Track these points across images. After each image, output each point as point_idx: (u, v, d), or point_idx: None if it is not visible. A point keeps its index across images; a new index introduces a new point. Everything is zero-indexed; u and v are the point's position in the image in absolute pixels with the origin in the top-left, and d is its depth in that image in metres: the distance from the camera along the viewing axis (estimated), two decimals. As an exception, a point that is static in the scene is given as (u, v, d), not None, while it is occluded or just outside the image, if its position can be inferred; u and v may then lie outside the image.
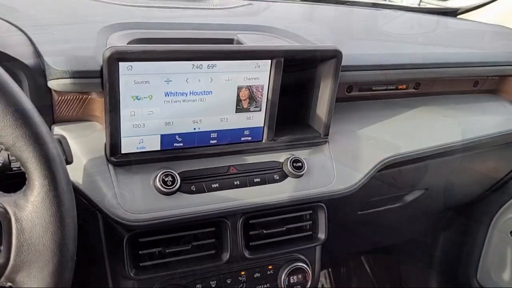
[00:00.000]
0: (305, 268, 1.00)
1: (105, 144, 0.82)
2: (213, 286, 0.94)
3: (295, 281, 0.99)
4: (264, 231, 0.96)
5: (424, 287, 1.96)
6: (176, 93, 0.83)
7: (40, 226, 0.56)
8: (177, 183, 0.83)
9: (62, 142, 0.67)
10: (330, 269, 2.13)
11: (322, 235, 1.02)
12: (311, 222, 1.03)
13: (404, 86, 1.17)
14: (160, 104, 0.83)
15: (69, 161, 0.67)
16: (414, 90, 1.19)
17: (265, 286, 0.98)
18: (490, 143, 1.26)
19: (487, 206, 1.67)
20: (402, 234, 1.72)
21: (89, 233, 0.91)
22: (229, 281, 0.95)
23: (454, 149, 1.17)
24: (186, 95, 0.84)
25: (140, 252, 0.87)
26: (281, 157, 0.95)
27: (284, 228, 0.99)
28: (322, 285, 2.11)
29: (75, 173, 0.82)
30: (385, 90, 1.14)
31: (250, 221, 0.96)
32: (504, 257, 1.66)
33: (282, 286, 0.98)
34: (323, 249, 1.09)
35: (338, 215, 1.20)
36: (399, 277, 2.09)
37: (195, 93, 0.85)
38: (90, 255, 0.93)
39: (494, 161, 1.44)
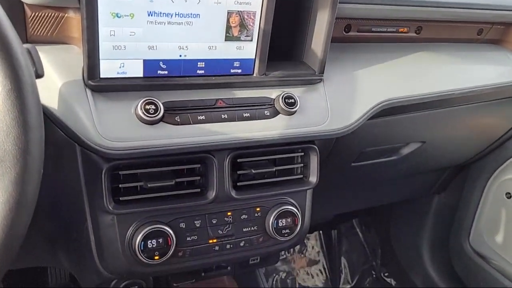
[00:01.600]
0: (295, 211, 0.95)
1: (83, 67, 0.76)
2: (197, 225, 0.89)
3: (283, 224, 0.95)
4: (253, 171, 0.91)
5: (414, 251, 1.93)
6: (160, 13, 0.77)
7: (1, 131, 0.51)
8: (160, 112, 0.77)
9: (31, 51, 0.61)
10: (320, 232, 2.11)
11: (313, 179, 0.97)
12: (302, 165, 0.98)
13: (405, 30, 1.11)
14: (142, 24, 0.76)
15: (39, 73, 0.61)
16: (415, 35, 1.13)
17: (252, 228, 0.94)
18: (490, 94, 1.21)
19: (483, 166, 1.64)
20: (395, 193, 1.68)
21: (67, 166, 0.86)
22: (214, 221, 0.90)
23: (453, 98, 1.12)
24: (171, 16, 0.78)
25: (120, 186, 0.82)
26: (273, 93, 0.90)
27: (274, 170, 0.94)
28: (313, 246, 2.09)
29: (49, 97, 0.76)
30: (385, 32, 1.08)
31: (238, 160, 0.91)
32: (498, 220, 1.63)
33: (270, 229, 0.94)
34: (314, 207, 1.04)
35: (331, 165, 1.16)
36: (390, 241, 2.07)
37: (181, 15, 0.78)
38: (68, 189, 0.88)
39: (493, 118, 1.39)
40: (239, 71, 0.87)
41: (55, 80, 0.76)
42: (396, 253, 2.05)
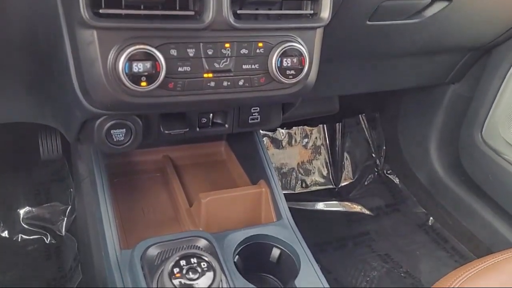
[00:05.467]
0: (302, 50, 0.84)
1: None
2: (190, 54, 0.78)
3: (288, 64, 0.84)
4: (256, -4, 0.79)
5: (421, 146, 1.85)
6: None
7: None
8: None
9: None
10: (324, 125, 2.02)
11: (325, 14, 0.85)
12: (313, -1, 0.85)
13: None
14: None
15: None
16: None
17: (253, 66, 0.83)
18: None
19: (507, 51, 1.50)
20: (409, 77, 1.56)
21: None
22: (210, 52, 0.79)
23: None
24: None
25: (100, -5, 0.71)
26: None
27: (280, -1, 0.82)
28: (316, 139, 2.01)
29: None
30: None
31: (239, -17, 0.78)
32: (516, 110, 1.52)
33: (273, 68, 0.83)
34: (318, 82, 0.92)
35: (344, 20, 1.03)
36: (396, 136, 1.98)
37: None
38: (42, 7, 0.76)
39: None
40: None
41: None
42: (401, 149, 1.97)
